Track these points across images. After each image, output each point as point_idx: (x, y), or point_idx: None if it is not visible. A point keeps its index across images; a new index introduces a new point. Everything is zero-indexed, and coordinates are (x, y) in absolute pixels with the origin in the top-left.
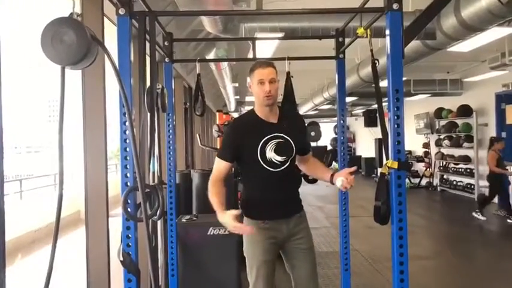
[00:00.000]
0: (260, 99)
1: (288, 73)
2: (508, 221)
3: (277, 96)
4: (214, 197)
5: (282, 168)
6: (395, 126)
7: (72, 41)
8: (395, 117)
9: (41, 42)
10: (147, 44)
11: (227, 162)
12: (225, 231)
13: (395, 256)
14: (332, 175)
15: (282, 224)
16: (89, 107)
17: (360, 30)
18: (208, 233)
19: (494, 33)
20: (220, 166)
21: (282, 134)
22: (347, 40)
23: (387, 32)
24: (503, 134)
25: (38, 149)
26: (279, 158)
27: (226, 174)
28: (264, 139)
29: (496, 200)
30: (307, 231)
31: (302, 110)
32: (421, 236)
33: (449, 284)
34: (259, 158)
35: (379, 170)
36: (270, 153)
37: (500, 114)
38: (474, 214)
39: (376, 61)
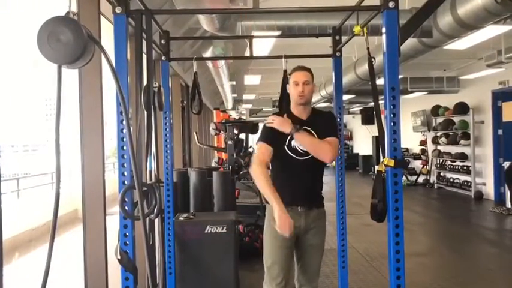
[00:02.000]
0: (294, 98)
1: (285, 71)
2: None
3: (309, 97)
4: (268, 187)
5: (306, 158)
6: (392, 124)
7: (68, 40)
8: (392, 115)
9: (38, 41)
10: (144, 43)
11: (268, 145)
12: (222, 229)
13: (391, 253)
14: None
15: (301, 215)
16: (86, 105)
17: (357, 29)
18: (206, 231)
19: (491, 31)
20: (263, 149)
21: (307, 128)
22: (344, 38)
23: (383, 30)
24: (500, 132)
25: (35, 147)
26: (302, 147)
27: (269, 156)
28: None
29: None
30: (322, 229)
31: None
32: (418, 233)
33: (445, 281)
34: (286, 144)
35: (376, 167)
36: (296, 142)
37: (497, 112)
38: None
39: (372, 59)
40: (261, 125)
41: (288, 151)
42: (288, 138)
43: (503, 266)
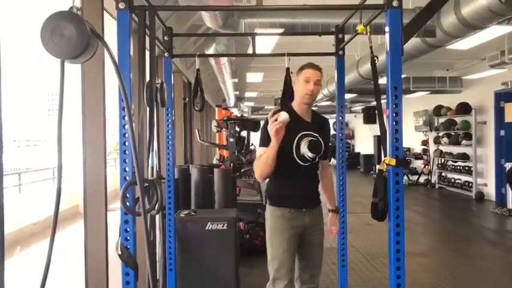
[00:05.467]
0: (301, 96)
1: (288, 69)
2: None
3: (315, 98)
4: (265, 154)
5: (311, 163)
6: (394, 123)
7: (71, 35)
8: (394, 114)
9: (41, 36)
10: (147, 39)
11: None
12: (223, 226)
13: (392, 252)
14: (330, 211)
15: (305, 214)
16: (89, 101)
17: (360, 27)
18: (207, 228)
19: (494, 32)
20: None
21: (315, 134)
22: (347, 37)
23: (387, 29)
24: (502, 132)
25: (37, 142)
26: (310, 154)
27: None
28: (300, 134)
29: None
30: (322, 225)
31: None
32: (419, 233)
33: (445, 280)
34: (294, 151)
35: (378, 166)
36: (304, 149)
37: (499, 112)
38: None
39: (375, 58)
40: (262, 123)
41: (296, 158)
42: (295, 143)
43: (503, 266)
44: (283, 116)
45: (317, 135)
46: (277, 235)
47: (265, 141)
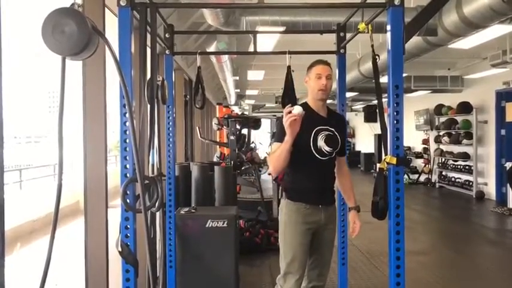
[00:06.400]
0: (315, 92)
1: (289, 67)
2: None
3: (329, 92)
4: (278, 149)
5: (328, 158)
6: (395, 122)
7: (73, 32)
8: (395, 113)
9: (42, 33)
10: (148, 36)
11: None
12: (223, 224)
13: (392, 251)
14: (349, 209)
15: (321, 211)
16: (89, 98)
17: (361, 26)
18: (207, 225)
19: (496, 31)
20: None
21: (331, 128)
22: (348, 35)
23: (388, 27)
24: (503, 132)
25: (38, 139)
26: (327, 149)
27: None
28: (317, 128)
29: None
30: (335, 224)
31: None
32: (419, 232)
33: (445, 279)
34: (311, 145)
35: (378, 165)
36: (321, 142)
37: (500, 112)
38: None
39: (376, 57)
40: (263, 121)
41: (314, 151)
42: (312, 137)
43: (503, 265)
44: (297, 109)
45: (333, 129)
46: (291, 229)
47: (280, 136)
